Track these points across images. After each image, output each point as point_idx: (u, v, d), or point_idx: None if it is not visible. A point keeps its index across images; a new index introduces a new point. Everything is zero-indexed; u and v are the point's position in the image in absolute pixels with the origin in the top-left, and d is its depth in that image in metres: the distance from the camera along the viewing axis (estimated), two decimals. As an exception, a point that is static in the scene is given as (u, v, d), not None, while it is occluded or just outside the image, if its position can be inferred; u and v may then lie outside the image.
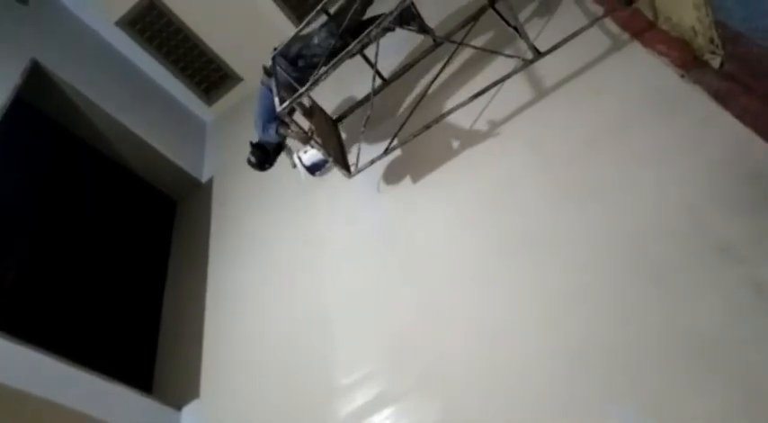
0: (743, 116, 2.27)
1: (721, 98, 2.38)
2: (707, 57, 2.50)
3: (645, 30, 2.87)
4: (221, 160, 5.69)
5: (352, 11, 3.27)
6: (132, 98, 5.49)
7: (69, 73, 4.72)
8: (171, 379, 4.03)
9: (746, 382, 1.82)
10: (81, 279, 4.20)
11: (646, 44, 2.84)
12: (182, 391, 3.82)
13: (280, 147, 3.89)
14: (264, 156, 3.82)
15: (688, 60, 2.58)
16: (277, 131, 3.64)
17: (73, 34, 5.31)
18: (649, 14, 2.86)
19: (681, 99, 2.54)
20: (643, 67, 2.78)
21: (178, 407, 3.75)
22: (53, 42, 4.85)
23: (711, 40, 2.42)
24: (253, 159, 3.82)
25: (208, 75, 6.11)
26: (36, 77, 4.44)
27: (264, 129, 3.74)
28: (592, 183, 2.63)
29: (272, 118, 3.62)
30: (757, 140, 2.18)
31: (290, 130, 3.47)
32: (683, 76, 2.58)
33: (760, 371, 1.80)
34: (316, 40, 3.43)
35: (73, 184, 4.70)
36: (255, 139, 3.83)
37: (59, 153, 4.76)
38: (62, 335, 3.66)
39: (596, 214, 2.51)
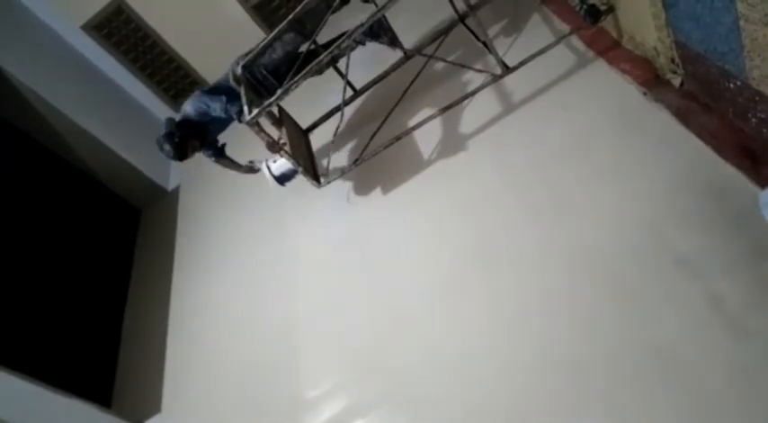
0: (702, 134, 2.34)
1: (681, 116, 2.45)
2: (668, 76, 2.58)
3: (609, 48, 2.95)
4: (188, 168, 5.58)
5: (324, 20, 3.27)
6: (97, 104, 5.37)
7: (31, 77, 4.59)
8: (131, 393, 3.91)
9: (700, 395, 1.85)
10: (39, 290, 4.06)
11: (610, 62, 2.91)
12: (142, 405, 3.70)
13: (201, 138, 3.49)
14: (177, 138, 3.36)
15: (650, 79, 2.66)
16: (238, 115, 3.24)
17: (36, 37, 5.17)
18: (614, 34, 2.94)
19: (643, 116, 2.60)
20: (607, 85, 2.85)
21: (138, 422, 3.63)
22: (15, 45, 4.72)
23: (672, 60, 2.50)
24: (165, 131, 3.37)
25: (176, 81, 6.03)
26: (-5, 81, 4.31)
27: (205, 96, 3.39)
28: (555, 196, 2.67)
29: (223, 95, 3.35)
30: (715, 158, 2.25)
31: (262, 134, 3.29)
32: (645, 94, 2.65)
33: (713, 384, 1.84)
34: (280, 41, 3.37)
35: (33, 191, 4.56)
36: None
37: (19, 159, 4.60)
38: (17, 348, 3.51)
39: (559, 228, 2.55)
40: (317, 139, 4.08)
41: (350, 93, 3.76)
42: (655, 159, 2.44)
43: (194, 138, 3.48)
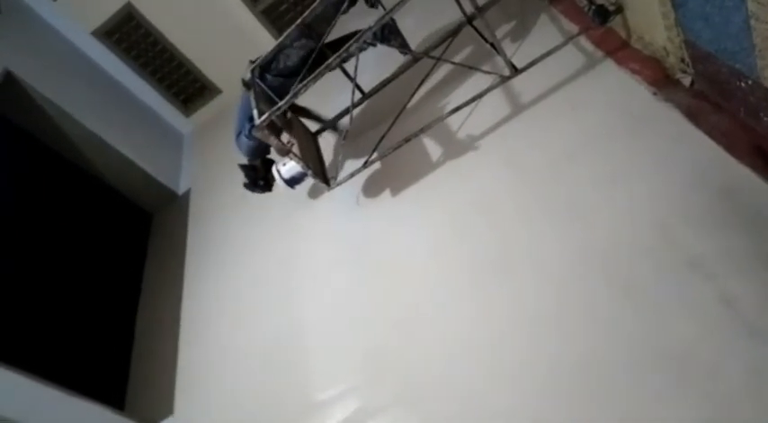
0: (713, 133, 2.33)
1: (692, 116, 2.44)
2: (678, 75, 2.56)
3: (618, 48, 2.94)
4: (199, 172, 5.63)
5: (332, 23, 3.29)
6: (108, 109, 5.42)
7: (43, 83, 4.64)
8: (144, 395, 3.93)
9: (715, 397, 1.84)
10: (52, 293, 4.09)
11: (619, 62, 2.90)
12: (155, 407, 3.73)
13: (268, 162, 3.81)
14: (253, 173, 3.74)
15: (660, 78, 2.65)
16: (249, 134, 3.44)
17: (48, 44, 5.23)
18: (623, 34, 2.93)
19: (653, 116, 2.59)
20: (616, 85, 2.84)
21: (151, 424, 3.66)
22: (27, 52, 4.77)
23: (682, 60, 2.49)
24: (246, 181, 3.75)
25: (186, 86, 6.07)
26: (9, 88, 4.35)
27: (238, 139, 3.66)
28: (566, 198, 2.66)
29: (244, 126, 3.54)
30: (727, 157, 2.23)
31: (271, 138, 3.37)
32: (655, 94, 2.64)
33: (728, 385, 1.83)
34: (291, 46, 3.40)
35: (45, 196, 4.60)
36: (240, 158, 3.77)
37: (32, 165, 4.66)
38: (31, 351, 3.55)
39: (570, 229, 2.54)
40: (327, 142, 4.10)
41: (358, 95, 3.77)
42: (666, 159, 2.43)
43: (269, 170, 3.75)
